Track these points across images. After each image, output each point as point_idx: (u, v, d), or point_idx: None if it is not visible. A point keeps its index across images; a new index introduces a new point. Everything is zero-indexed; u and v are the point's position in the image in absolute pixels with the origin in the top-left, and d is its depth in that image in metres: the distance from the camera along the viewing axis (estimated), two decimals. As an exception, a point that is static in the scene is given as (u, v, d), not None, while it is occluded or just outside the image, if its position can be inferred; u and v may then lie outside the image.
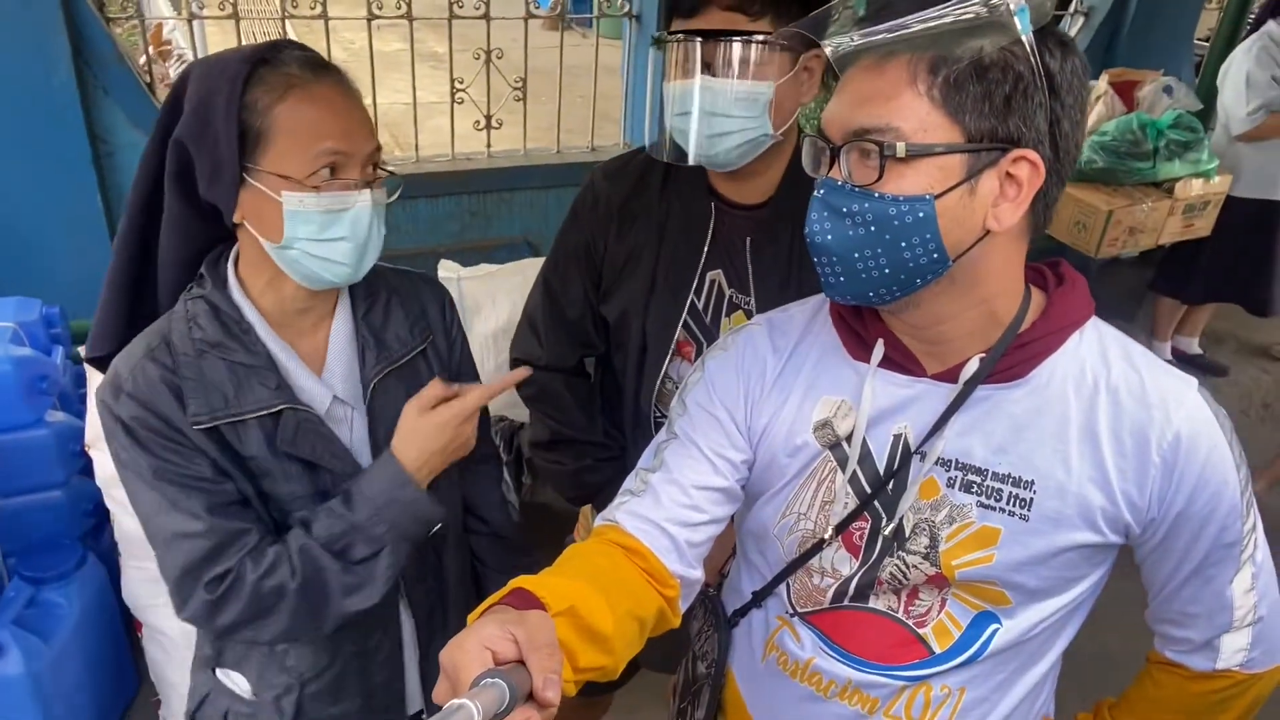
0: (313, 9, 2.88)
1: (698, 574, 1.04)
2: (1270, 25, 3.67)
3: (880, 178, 0.83)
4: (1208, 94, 4.07)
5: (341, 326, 1.21)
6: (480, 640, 0.68)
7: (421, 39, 3.16)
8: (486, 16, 3.06)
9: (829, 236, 0.88)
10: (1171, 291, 4.18)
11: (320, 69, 1.09)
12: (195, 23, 3.08)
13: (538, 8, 3.23)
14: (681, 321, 1.48)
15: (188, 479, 1.08)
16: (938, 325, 0.92)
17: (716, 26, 1.28)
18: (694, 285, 1.47)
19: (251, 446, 1.12)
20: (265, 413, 1.11)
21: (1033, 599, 0.97)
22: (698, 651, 1.26)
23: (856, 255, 0.87)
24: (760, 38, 1.27)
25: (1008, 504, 0.93)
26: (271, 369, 1.13)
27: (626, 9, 3.37)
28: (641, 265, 1.48)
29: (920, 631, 1.01)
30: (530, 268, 2.58)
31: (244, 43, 2.88)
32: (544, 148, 3.40)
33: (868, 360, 0.97)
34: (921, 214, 0.83)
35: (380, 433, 1.21)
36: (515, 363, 1.63)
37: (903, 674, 1.02)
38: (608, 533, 1.02)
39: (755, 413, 1.03)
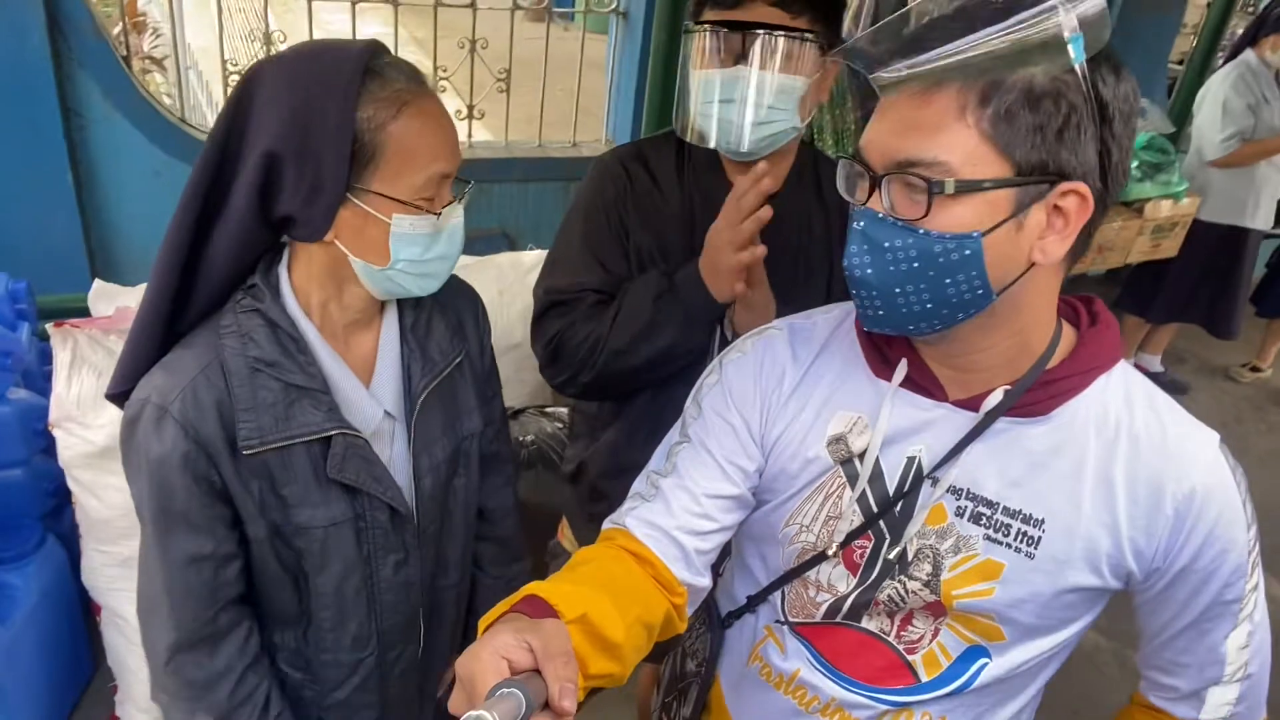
0: (296, -11, 2.84)
1: (705, 581, 1.03)
2: (1248, 54, 3.75)
3: (927, 214, 0.80)
4: (1180, 117, 4.15)
5: (390, 337, 1.17)
6: (496, 649, 0.68)
7: (404, 24, 3.12)
8: (473, 5, 3.04)
9: (869, 271, 0.85)
10: (1136, 310, 4.26)
11: (422, 83, 1.04)
12: (175, -4, 3.02)
13: (524, -2, 3.21)
14: None
15: (199, 525, 1.06)
16: (969, 355, 0.91)
17: (759, 19, 1.31)
18: None
19: (296, 473, 1.08)
20: (315, 437, 1.07)
21: (1026, 636, 0.96)
22: (688, 648, 1.26)
23: (898, 290, 0.84)
24: (806, 35, 1.30)
25: (1015, 540, 0.92)
26: (325, 390, 1.08)
27: (614, 5, 3.36)
28: (672, 255, 1.46)
29: (910, 658, 1.00)
30: (507, 261, 2.56)
31: (223, 18, 2.85)
32: (525, 140, 3.37)
33: (889, 378, 0.95)
34: (968, 252, 0.80)
35: (419, 447, 1.19)
36: (559, 303, 1.49)
37: (887, 698, 1.02)
38: (617, 537, 1.01)
39: (770, 421, 1.01)
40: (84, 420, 1.90)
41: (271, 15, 2.93)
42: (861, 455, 0.96)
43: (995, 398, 0.90)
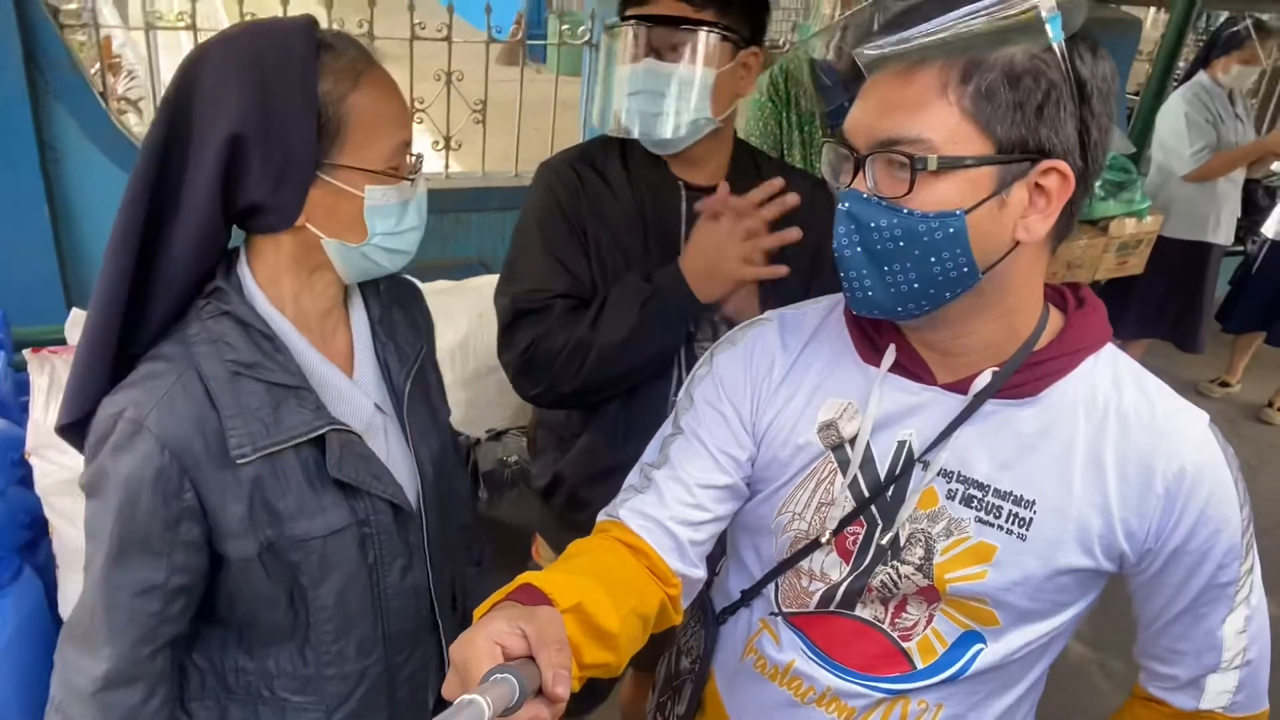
0: (272, 24, 2.86)
1: (700, 573, 1.03)
2: (1201, 75, 3.88)
3: (910, 191, 0.81)
4: (1140, 139, 4.26)
5: (361, 330, 1.15)
6: (490, 635, 0.68)
7: (380, 58, 3.16)
8: (449, 39, 3.08)
9: (857, 250, 0.86)
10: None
11: (369, 53, 1.03)
12: (151, 34, 3.05)
13: (499, 32, 3.27)
14: None
15: (157, 551, 0.98)
16: (957, 338, 0.92)
17: (665, 13, 1.37)
18: None
19: (289, 481, 1.02)
20: (308, 437, 1.02)
21: (1021, 621, 0.96)
22: (682, 646, 1.25)
23: (885, 269, 0.85)
24: (713, 28, 1.37)
25: (1006, 521, 0.92)
26: (309, 388, 1.04)
27: (586, 38, 3.42)
28: (629, 252, 1.49)
29: (905, 645, 1.00)
30: (486, 284, 2.58)
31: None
32: (502, 170, 3.41)
33: (878, 364, 0.96)
34: (952, 229, 0.81)
35: (417, 439, 1.17)
36: (527, 309, 1.47)
37: (882, 686, 1.01)
38: (611, 529, 1.01)
39: (761, 409, 1.02)
40: (62, 447, 1.85)
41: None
42: (852, 441, 0.97)
43: (983, 379, 0.91)
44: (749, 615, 1.12)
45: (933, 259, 0.83)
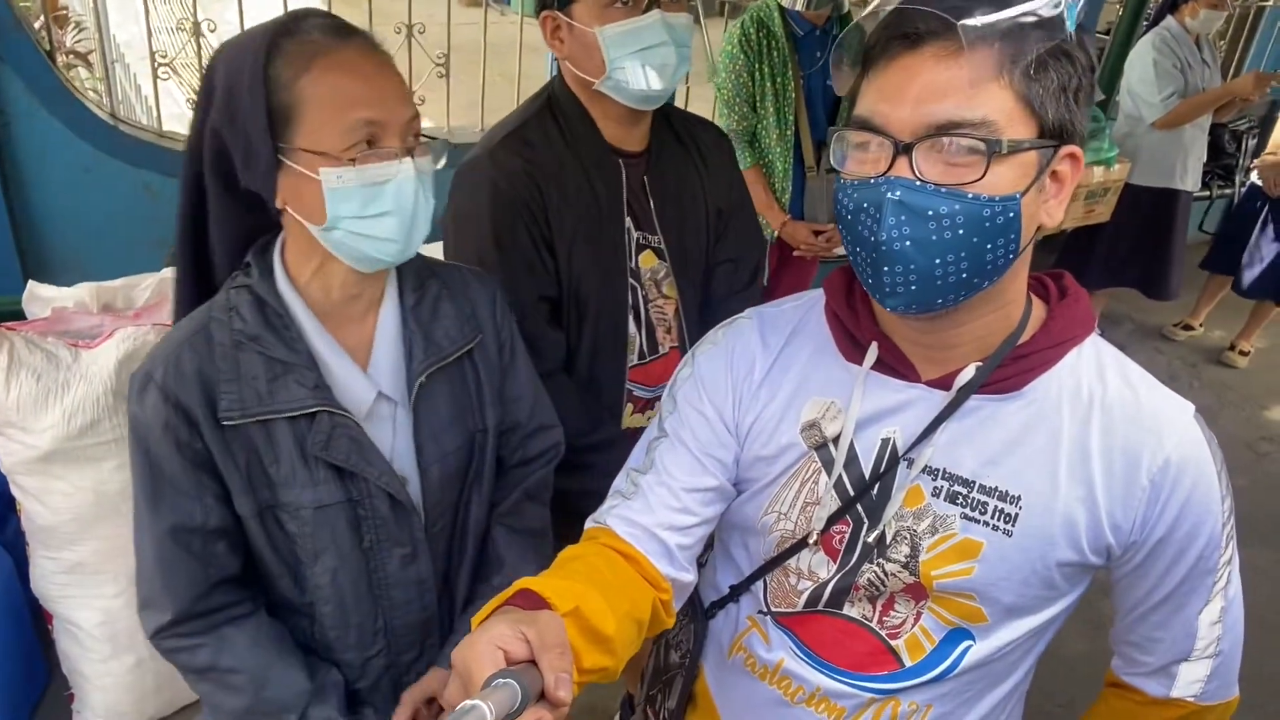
0: (224, -23, 2.77)
1: (690, 576, 1.03)
2: (1169, 20, 3.85)
3: (984, 175, 0.78)
4: (1109, 85, 4.24)
5: (389, 318, 1.15)
6: (492, 640, 0.68)
7: (337, 10, 3.07)
8: (408, -11, 3.00)
9: (908, 243, 0.81)
10: (1073, 276, 4.34)
11: (344, 33, 1.02)
12: (97, -14, 2.94)
13: (460, -19, 3.18)
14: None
15: (187, 492, 1.06)
16: (950, 330, 0.90)
17: None
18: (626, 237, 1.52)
19: (280, 450, 1.07)
20: (299, 413, 1.06)
21: (1009, 616, 0.95)
22: (671, 639, 1.24)
23: (937, 260, 0.81)
24: None
25: (992, 518, 0.91)
26: (311, 367, 1.07)
27: (551, -14, 3.34)
28: (582, 231, 1.49)
29: (893, 643, 1.00)
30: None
31: (149, 9, 2.77)
32: (468, 126, 3.35)
33: (860, 362, 0.95)
34: (1011, 214, 0.79)
35: (424, 434, 1.16)
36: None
37: (872, 685, 1.01)
38: (600, 535, 1.00)
39: (743, 409, 1.01)
40: (25, 425, 1.85)
41: (199, 3, 2.85)
42: (835, 440, 0.96)
43: (967, 374, 0.90)
44: (737, 611, 1.12)
45: (989, 245, 0.80)
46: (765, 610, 1.07)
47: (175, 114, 3.37)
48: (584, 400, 1.54)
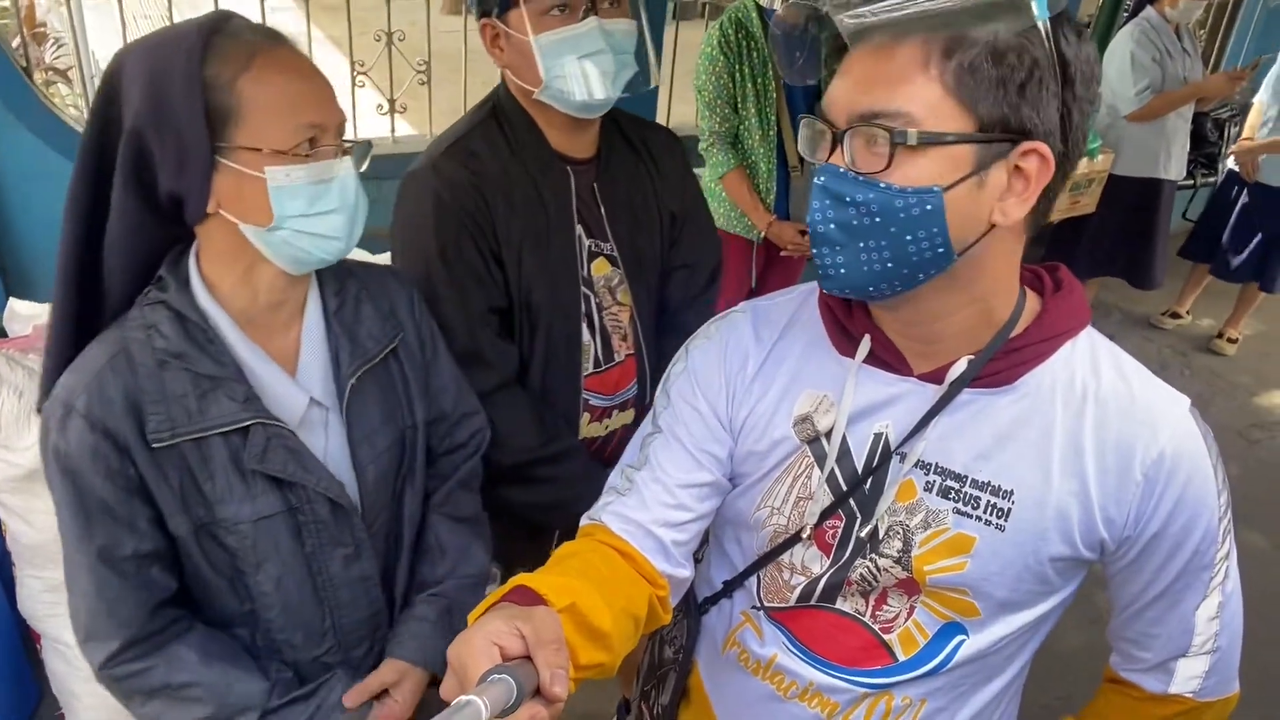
0: (201, -11, 2.76)
1: (686, 572, 1.03)
2: (1149, 10, 3.86)
3: (889, 166, 0.79)
4: (1091, 76, 4.26)
5: (314, 323, 1.14)
6: (487, 636, 0.68)
7: (316, 21, 3.06)
8: (386, -2, 2.99)
9: (831, 226, 0.83)
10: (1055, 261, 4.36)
11: (273, 36, 1.01)
12: (74, 4, 2.91)
13: (439, -11, 3.17)
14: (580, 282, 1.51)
15: (120, 518, 1.03)
16: (931, 323, 0.90)
17: None
18: (577, 245, 1.50)
19: (214, 466, 1.05)
20: (232, 428, 1.05)
21: (1001, 611, 0.95)
22: (665, 635, 1.24)
23: (860, 247, 0.82)
24: None
25: (985, 512, 0.91)
26: (240, 380, 1.06)
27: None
28: (530, 240, 1.46)
29: (886, 637, 0.99)
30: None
31: (127, 25, 2.76)
32: (450, 132, 3.34)
33: (853, 355, 0.94)
34: (929, 206, 0.79)
35: (357, 436, 1.16)
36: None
37: (865, 680, 1.01)
38: (596, 532, 1.00)
39: (737, 403, 1.01)
40: (7, 443, 1.83)
41: (177, 17, 2.84)
42: (828, 434, 0.95)
43: (959, 368, 0.89)
44: (730, 606, 1.11)
45: (908, 237, 0.80)
46: (758, 605, 1.07)
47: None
48: (539, 411, 1.52)
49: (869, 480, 0.95)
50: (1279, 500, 3.42)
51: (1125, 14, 4.20)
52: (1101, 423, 0.89)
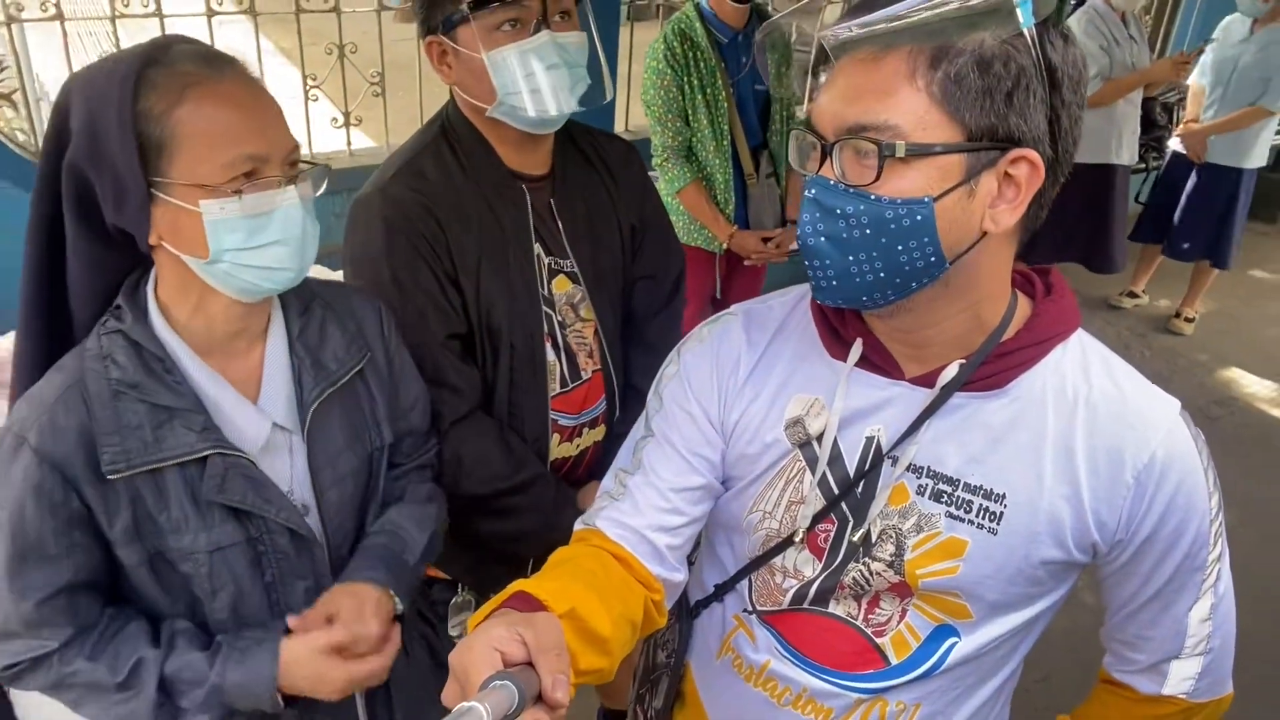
0: (145, 7, 2.70)
1: (681, 576, 1.03)
2: (1095, 0, 3.93)
3: (878, 178, 0.79)
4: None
5: (277, 347, 1.12)
6: (489, 642, 0.68)
7: (266, 34, 3.02)
8: (337, 10, 2.96)
9: (822, 239, 0.83)
10: (1017, 254, 4.41)
11: (216, 63, 0.98)
12: (15, 27, 2.85)
13: (390, -1, 3.14)
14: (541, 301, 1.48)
15: (56, 556, 1.00)
16: (924, 329, 0.89)
17: None
18: (536, 264, 1.48)
19: (169, 498, 1.02)
20: (189, 458, 1.02)
21: (994, 613, 0.95)
22: (658, 639, 1.24)
23: (851, 259, 0.82)
24: None
25: (977, 516, 0.91)
26: (198, 409, 1.03)
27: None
28: (488, 261, 1.43)
29: (878, 641, 0.99)
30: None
31: (71, 48, 2.70)
32: (407, 143, 3.31)
33: (845, 359, 0.94)
34: (920, 217, 0.79)
35: (320, 460, 1.13)
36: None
37: (858, 685, 1.01)
38: (590, 537, 1.00)
39: (728, 406, 1.00)
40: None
41: (123, 35, 2.79)
42: (819, 438, 0.95)
43: (950, 372, 0.89)
44: (723, 610, 1.11)
45: (899, 247, 0.80)
46: (750, 609, 1.07)
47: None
48: (506, 439, 1.49)
49: (861, 484, 0.95)
50: (1243, 475, 3.48)
51: (1072, 3, 4.27)
52: (1093, 426, 0.89)
